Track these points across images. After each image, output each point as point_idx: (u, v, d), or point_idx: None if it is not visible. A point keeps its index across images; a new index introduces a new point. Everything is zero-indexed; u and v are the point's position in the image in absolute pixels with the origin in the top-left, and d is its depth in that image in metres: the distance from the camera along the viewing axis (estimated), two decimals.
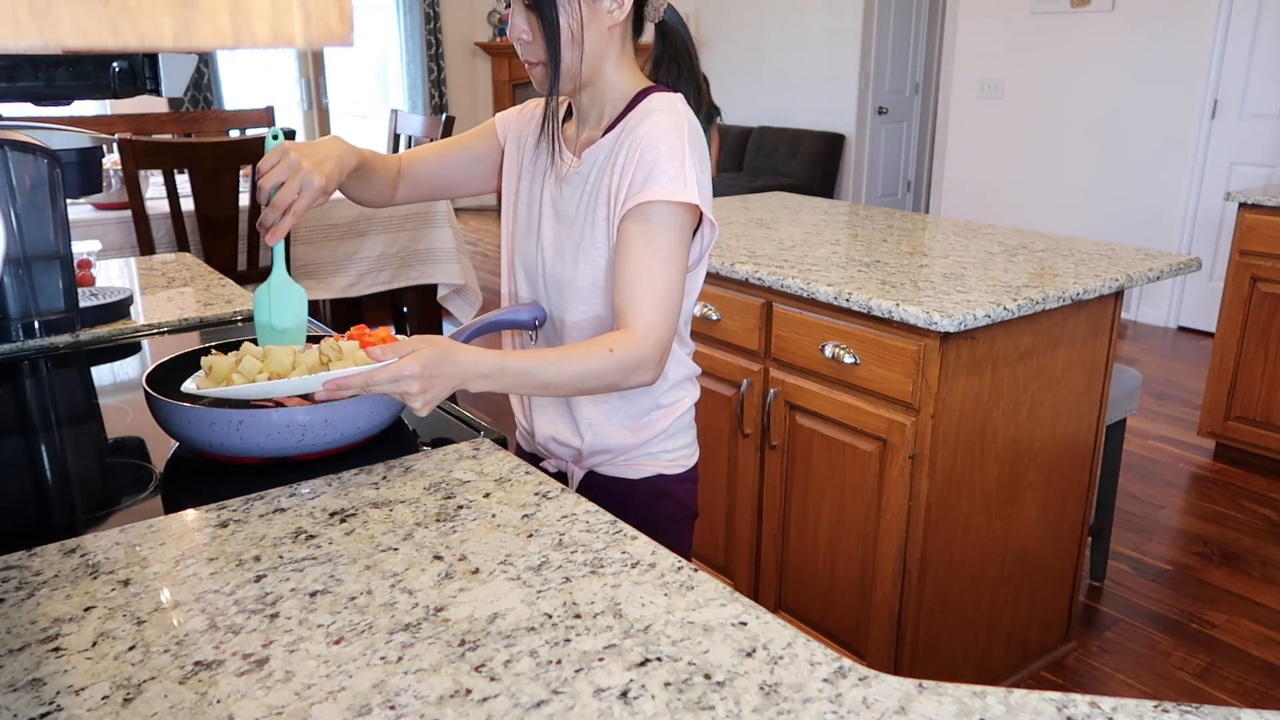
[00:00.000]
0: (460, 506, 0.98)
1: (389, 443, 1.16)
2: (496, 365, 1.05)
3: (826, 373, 1.91)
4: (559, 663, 0.73)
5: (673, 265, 1.13)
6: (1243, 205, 3.06)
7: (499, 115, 1.36)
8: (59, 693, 0.70)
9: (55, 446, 1.24)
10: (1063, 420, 1.99)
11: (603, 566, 0.87)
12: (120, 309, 1.67)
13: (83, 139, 1.54)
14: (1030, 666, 2.17)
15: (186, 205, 2.93)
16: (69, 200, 1.56)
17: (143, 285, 1.93)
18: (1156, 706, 0.68)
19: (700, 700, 0.69)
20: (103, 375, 1.49)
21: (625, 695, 0.69)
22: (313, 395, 1.01)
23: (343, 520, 0.95)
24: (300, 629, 0.77)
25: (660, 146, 1.11)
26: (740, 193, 5.99)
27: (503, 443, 1.17)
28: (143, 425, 1.22)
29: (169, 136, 4.25)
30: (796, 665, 0.73)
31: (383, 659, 0.73)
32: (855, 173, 6.57)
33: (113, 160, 2.98)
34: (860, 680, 0.71)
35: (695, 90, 1.24)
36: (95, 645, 0.75)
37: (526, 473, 1.06)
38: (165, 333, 1.65)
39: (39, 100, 1.12)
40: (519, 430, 1.41)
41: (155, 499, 1.04)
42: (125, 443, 1.21)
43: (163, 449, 1.15)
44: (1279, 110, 4.44)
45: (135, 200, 2.78)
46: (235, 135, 4.40)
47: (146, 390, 1.09)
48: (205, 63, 6.47)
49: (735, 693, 0.69)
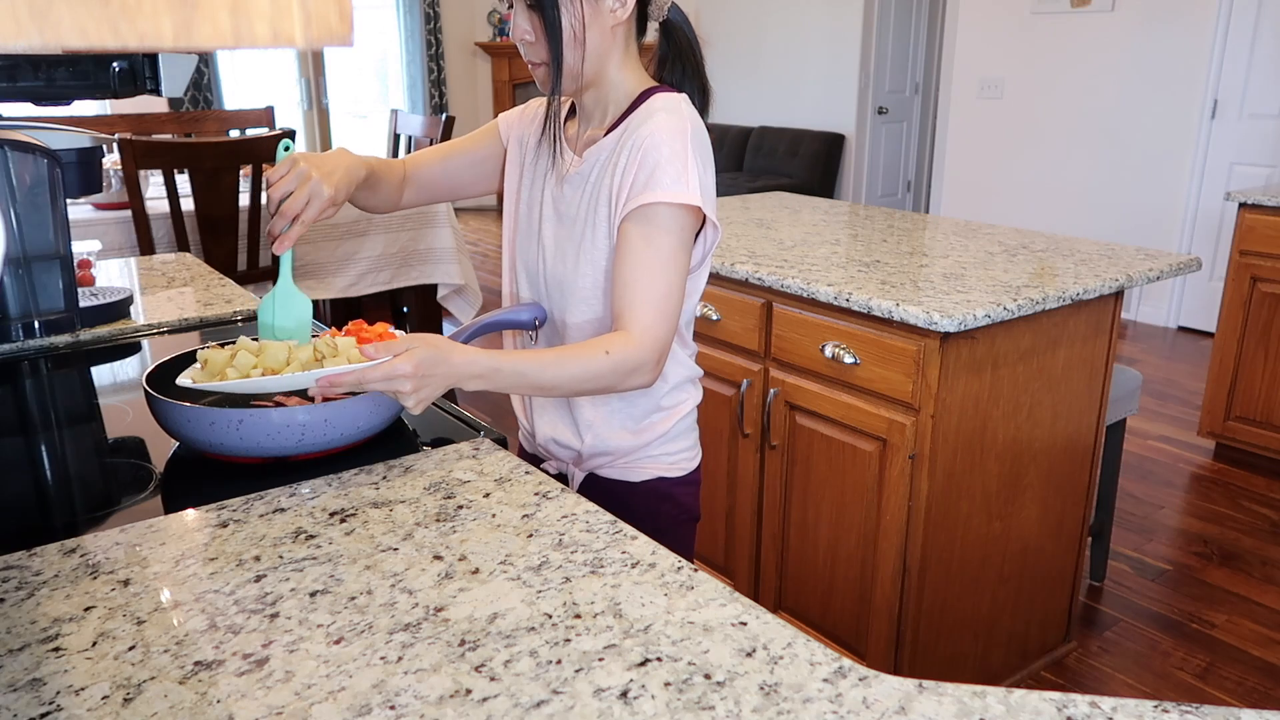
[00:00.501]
0: (460, 506, 0.98)
1: (389, 443, 1.16)
2: (491, 366, 1.04)
3: (826, 373, 1.91)
4: (559, 663, 0.73)
5: (672, 267, 1.12)
6: (1243, 205, 3.06)
7: (501, 115, 1.36)
8: (59, 693, 0.70)
9: (55, 446, 1.24)
10: (1063, 420, 1.99)
11: (603, 566, 0.87)
12: (120, 309, 1.67)
13: (83, 139, 1.54)
14: (1030, 666, 2.17)
15: (186, 205, 2.93)
16: (69, 200, 1.56)
17: (143, 285, 1.93)
18: (1156, 706, 0.68)
19: (700, 700, 0.69)
20: (103, 375, 1.49)
21: (625, 695, 0.69)
22: (308, 392, 1.01)
23: (343, 520, 0.95)
24: (300, 629, 0.77)
25: (662, 148, 1.11)
26: (740, 193, 6.00)
27: (503, 443, 1.17)
28: (143, 425, 1.22)
29: (169, 136, 4.25)
30: (796, 665, 0.73)
31: (383, 659, 0.73)
32: (855, 173, 6.57)
33: (113, 160, 2.98)
34: (860, 680, 0.71)
35: (700, 90, 1.23)
36: (95, 645, 0.75)
37: (526, 473, 1.06)
38: (165, 333, 1.65)
39: (39, 100, 1.12)
40: (521, 431, 1.41)
41: (155, 499, 1.04)
42: (125, 443, 1.21)
43: (163, 449, 1.15)
44: (1279, 110, 4.44)
45: (135, 200, 2.78)
46: (235, 135, 4.40)
47: (146, 390, 1.09)
48: (205, 63, 6.47)
49: (735, 693, 0.69)
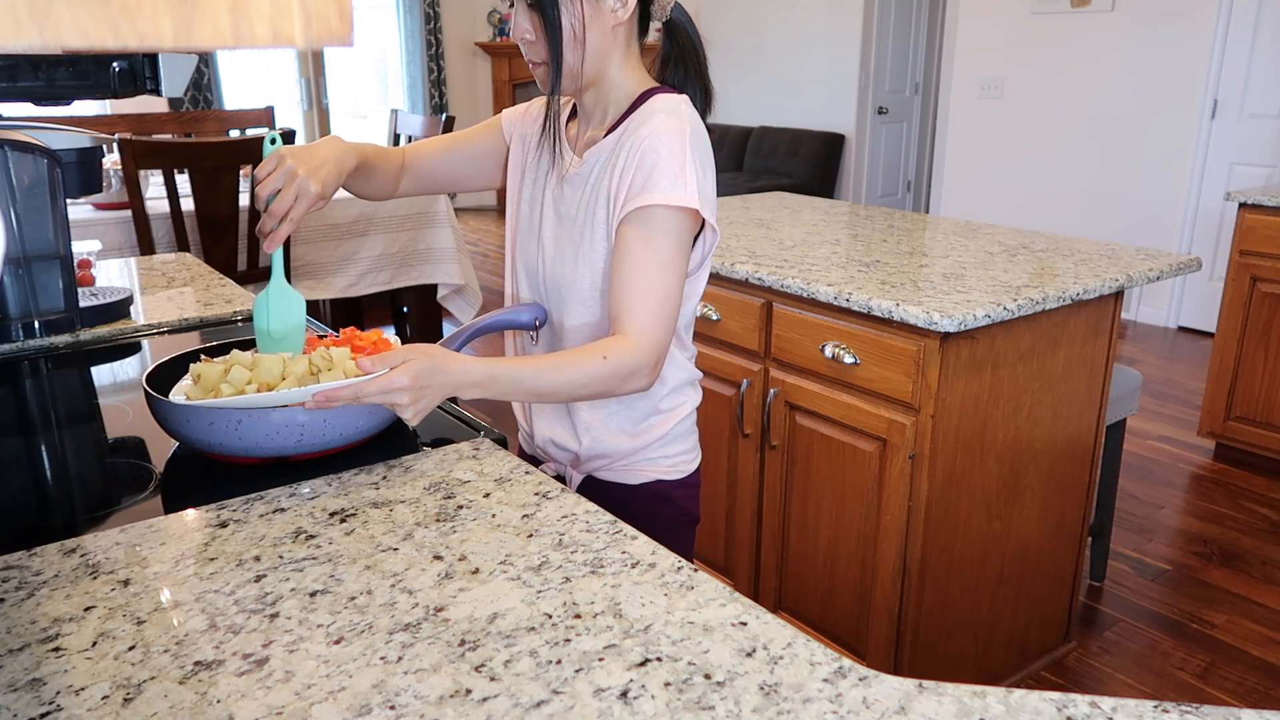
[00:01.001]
0: (460, 506, 0.98)
1: (389, 443, 1.16)
2: (488, 374, 1.04)
3: (826, 373, 1.91)
4: (559, 663, 0.73)
5: (670, 270, 1.11)
6: (1243, 205, 3.06)
7: (505, 112, 1.34)
8: (59, 693, 0.70)
9: (55, 446, 1.24)
10: (1063, 420, 1.99)
11: (603, 566, 0.87)
12: (120, 309, 1.67)
13: (83, 139, 1.54)
14: (1030, 666, 2.17)
15: (186, 205, 2.93)
16: (69, 200, 1.56)
17: (143, 285, 1.93)
18: (1156, 706, 0.67)
19: (700, 700, 0.69)
20: (103, 375, 1.49)
21: (625, 695, 0.69)
22: (304, 407, 1.01)
23: (343, 520, 0.95)
24: (300, 629, 0.77)
25: (661, 149, 1.10)
26: (740, 193, 5.99)
27: (503, 443, 1.17)
28: (143, 425, 1.22)
29: (169, 136, 4.25)
30: (796, 665, 0.73)
31: (383, 659, 0.73)
32: (855, 173, 6.57)
33: (113, 160, 2.98)
34: (860, 680, 0.71)
35: (702, 91, 1.22)
36: (95, 645, 0.75)
37: (526, 473, 1.06)
38: (165, 333, 1.65)
39: (39, 100, 1.12)
40: (520, 432, 1.41)
41: (155, 499, 1.04)
42: (125, 443, 1.21)
43: (163, 449, 1.15)
44: (1279, 110, 4.44)
45: (135, 200, 2.78)
46: (235, 135, 4.40)
47: (146, 390, 1.09)
48: (205, 63, 6.47)
49: (735, 693, 0.69)
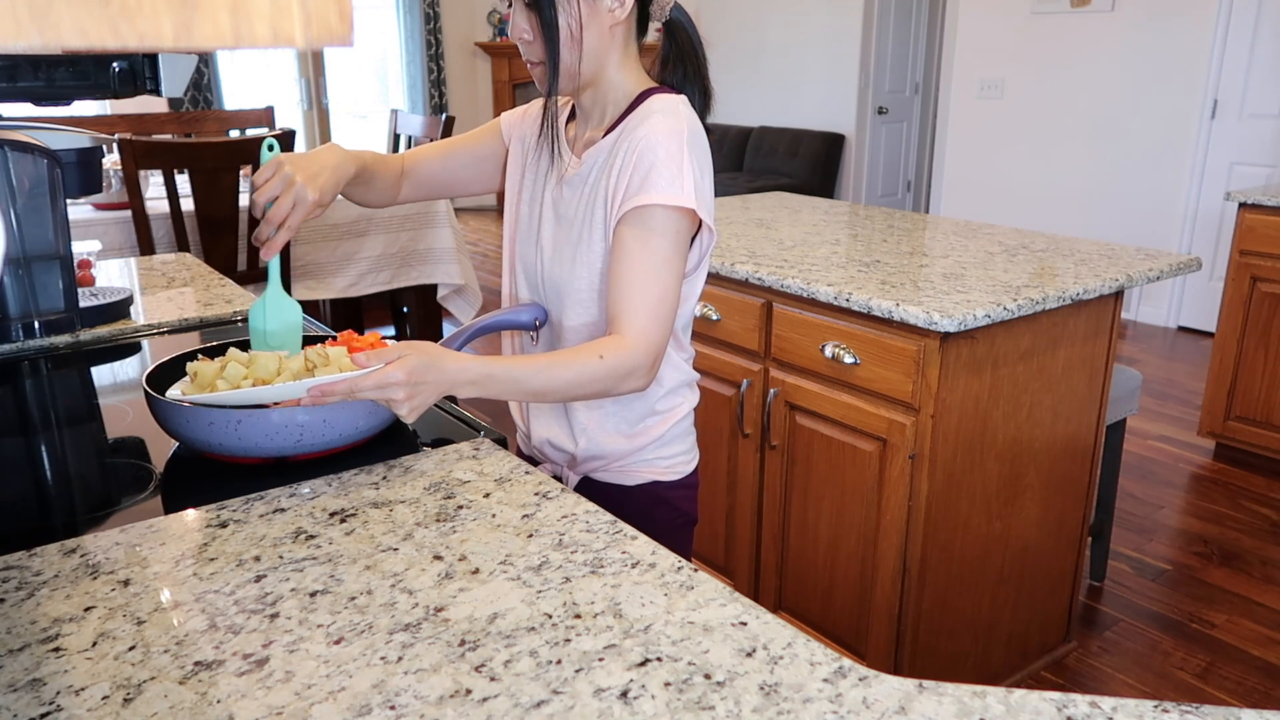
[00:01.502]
0: (460, 506, 0.98)
1: (389, 443, 1.16)
2: (484, 372, 1.04)
3: (826, 373, 1.90)
4: (559, 663, 0.73)
5: (667, 270, 1.11)
6: (1243, 205, 3.06)
7: (504, 115, 1.35)
8: (59, 693, 0.70)
9: (55, 446, 1.24)
10: (1063, 420, 1.99)
11: (603, 566, 0.87)
12: (120, 309, 1.67)
13: (83, 139, 1.54)
14: (1030, 666, 2.17)
15: (186, 205, 2.93)
16: (69, 200, 1.56)
17: (143, 285, 1.93)
18: (1156, 706, 0.67)
19: (700, 700, 0.69)
20: (103, 375, 1.49)
21: (625, 695, 0.69)
22: (300, 402, 1.01)
23: (343, 520, 0.95)
24: (300, 629, 0.77)
25: (658, 149, 1.10)
26: (740, 193, 5.99)
27: (503, 443, 1.17)
28: (143, 425, 1.22)
29: (169, 136, 4.25)
30: (796, 665, 0.73)
31: (383, 659, 0.73)
32: (855, 173, 6.57)
33: (113, 160, 2.98)
34: (860, 680, 0.71)
35: (702, 91, 1.22)
36: (95, 645, 0.75)
37: (526, 473, 1.06)
38: (165, 333, 1.65)
39: (39, 100, 1.12)
40: (518, 432, 1.41)
41: (155, 499, 1.04)
42: (125, 443, 1.21)
43: (163, 449, 1.15)
44: (1279, 110, 4.44)
45: (135, 200, 2.78)
46: (235, 135, 4.40)
47: (146, 390, 1.09)
48: (205, 63, 6.47)
49: (735, 693, 0.69)
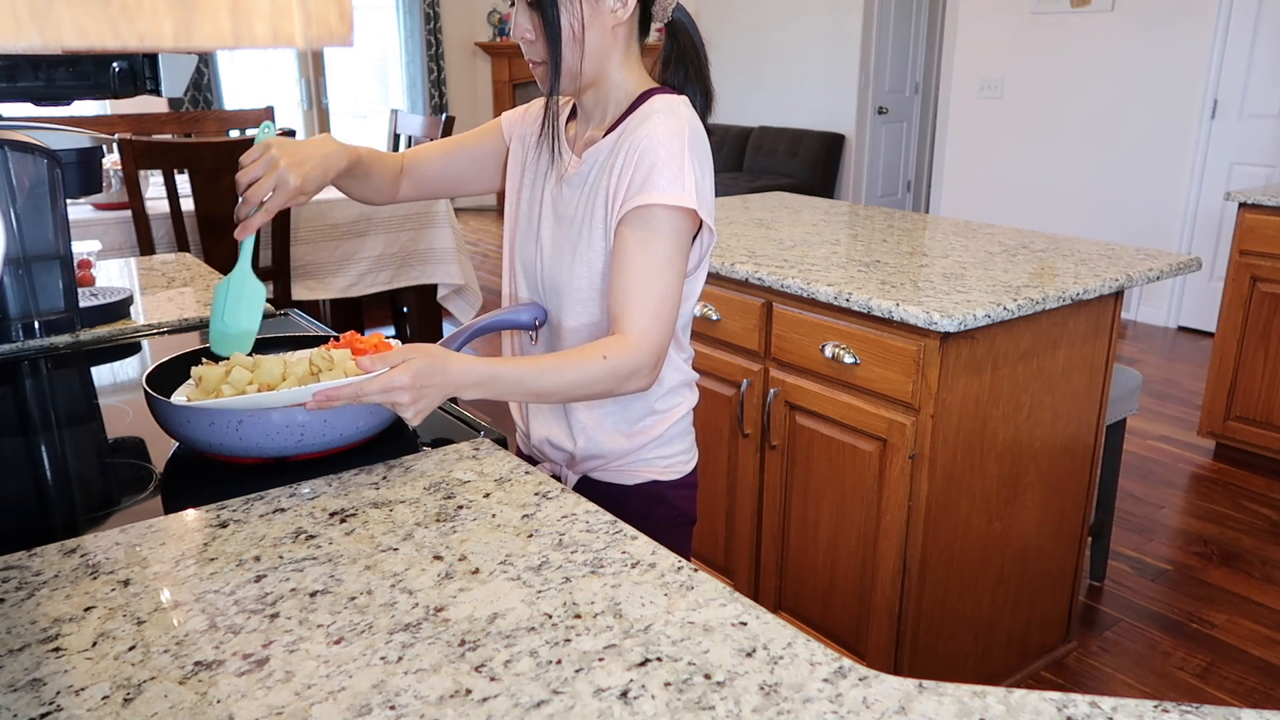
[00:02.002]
0: (460, 506, 0.98)
1: (389, 443, 1.16)
2: (488, 374, 1.04)
3: (826, 373, 1.90)
4: (559, 663, 0.73)
5: (669, 270, 1.11)
6: (1243, 205, 3.06)
7: (505, 114, 1.35)
8: (59, 693, 0.70)
9: (55, 446, 1.24)
10: (1063, 420, 1.99)
11: (603, 566, 0.87)
12: (120, 309, 1.67)
13: (83, 139, 1.54)
14: (1030, 666, 2.17)
15: (186, 205, 2.93)
16: (69, 200, 1.56)
17: (143, 285, 1.93)
18: (1156, 706, 0.67)
19: (700, 700, 0.69)
20: (103, 375, 1.49)
21: (625, 695, 0.69)
22: (305, 407, 1.01)
23: (343, 520, 0.95)
24: (300, 629, 0.77)
25: (659, 150, 1.10)
26: (740, 193, 5.99)
27: (503, 443, 1.17)
28: (143, 425, 1.22)
29: (169, 136, 4.25)
30: (796, 665, 0.73)
31: (383, 659, 0.73)
32: (855, 173, 6.57)
33: (113, 160, 2.98)
34: (860, 680, 0.71)
35: (703, 92, 1.22)
36: (95, 645, 0.75)
37: (526, 473, 1.06)
38: (165, 333, 1.65)
39: (39, 100, 1.12)
40: (517, 431, 1.41)
41: (155, 499, 1.04)
42: (125, 443, 1.21)
43: (163, 449, 1.15)
44: (1279, 110, 4.44)
45: (135, 200, 2.78)
46: (235, 135, 4.40)
47: (146, 390, 1.09)
48: (205, 63, 6.47)
49: (735, 693, 0.69)
